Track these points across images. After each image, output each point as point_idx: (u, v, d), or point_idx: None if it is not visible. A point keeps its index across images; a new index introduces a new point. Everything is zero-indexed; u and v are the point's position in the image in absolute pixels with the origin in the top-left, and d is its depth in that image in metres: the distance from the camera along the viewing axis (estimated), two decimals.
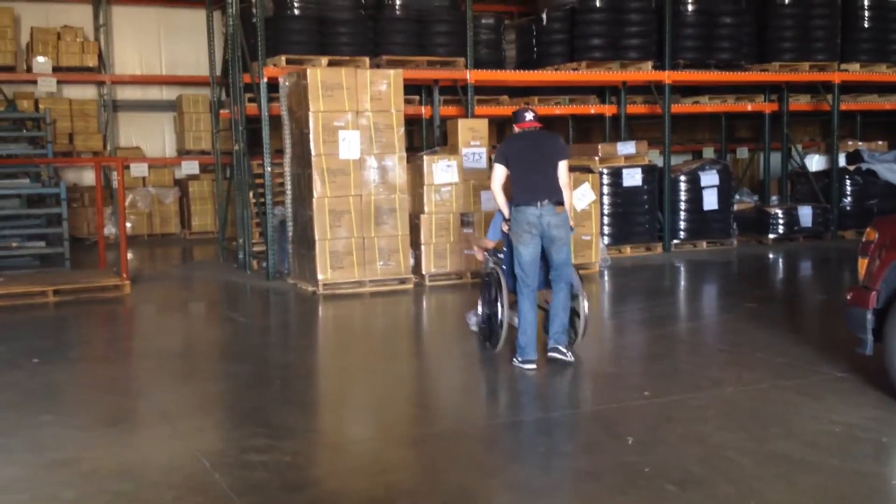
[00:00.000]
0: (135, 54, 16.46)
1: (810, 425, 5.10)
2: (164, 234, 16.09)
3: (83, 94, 16.09)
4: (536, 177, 6.49)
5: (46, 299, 9.39)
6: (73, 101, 15.64)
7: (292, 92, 10.02)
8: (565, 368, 6.45)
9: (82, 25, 15.79)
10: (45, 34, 15.24)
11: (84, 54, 15.49)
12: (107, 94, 16.13)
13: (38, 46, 15.10)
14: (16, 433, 5.10)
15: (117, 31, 16.32)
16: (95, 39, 15.94)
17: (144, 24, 16.44)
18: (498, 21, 13.46)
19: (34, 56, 15.04)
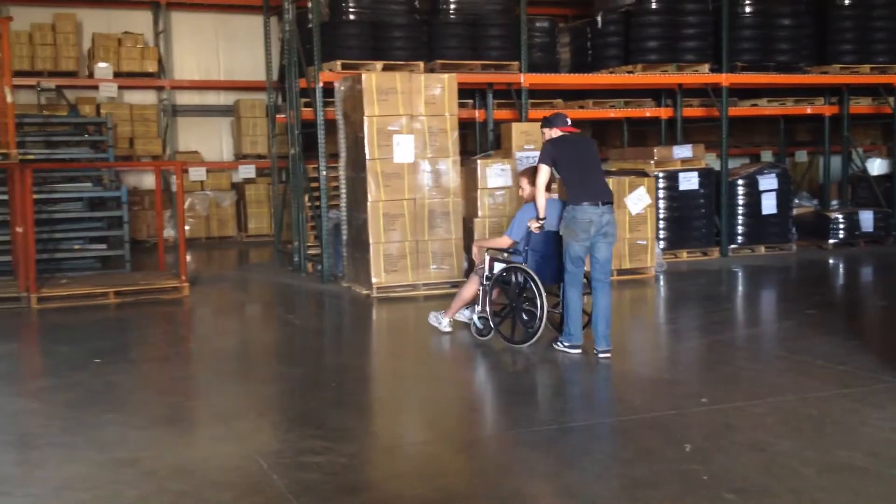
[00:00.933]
0: (193, 60, 16.74)
1: (872, 434, 5.00)
2: (221, 236, 16.32)
3: (143, 99, 16.40)
4: (597, 177, 6.97)
5: (108, 300, 9.59)
6: (133, 106, 15.95)
7: (347, 96, 10.10)
8: (622, 373, 6.40)
9: (142, 31, 16.10)
10: (107, 40, 15.56)
11: (144, 60, 15.79)
12: (166, 99, 16.42)
13: (99, 52, 15.42)
14: (79, 432, 5.21)
15: (176, 37, 16.61)
16: (155, 45, 16.23)
17: (203, 30, 16.71)
18: (552, 24, 13.42)
19: (96, 62, 15.37)
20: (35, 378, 6.98)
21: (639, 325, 8.99)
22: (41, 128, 12.89)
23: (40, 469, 4.62)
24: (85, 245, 11.84)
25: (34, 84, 14.80)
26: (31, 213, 9.55)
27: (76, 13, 15.54)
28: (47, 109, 14.73)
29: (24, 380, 6.92)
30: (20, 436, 5.25)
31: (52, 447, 4.97)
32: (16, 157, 9.55)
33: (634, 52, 12.73)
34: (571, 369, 6.94)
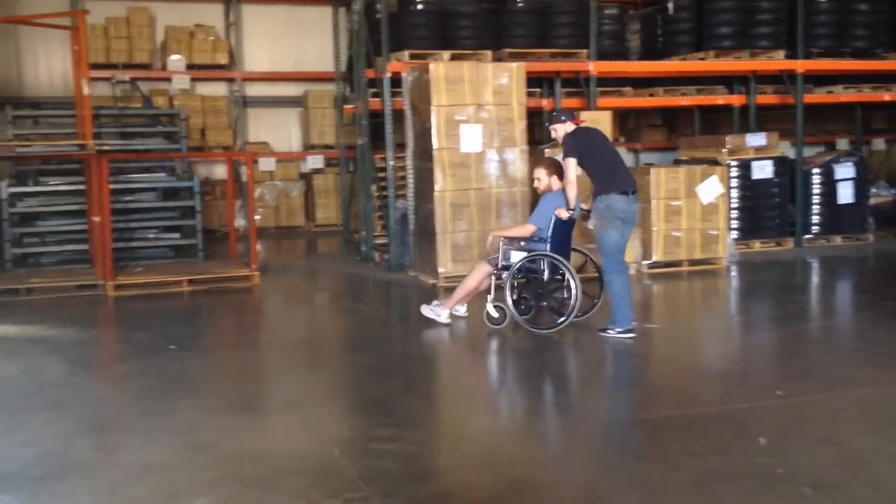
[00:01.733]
0: (263, 51, 16.94)
1: None
2: (289, 226, 16.51)
3: (214, 90, 16.65)
4: (622, 167, 7.33)
5: (181, 288, 9.78)
6: (204, 98, 16.21)
7: (415, 86, 10.12)
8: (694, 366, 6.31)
9: (214, 24, 16.34)
10: (179, 33, 15.83)
11: (215, 52, 16.02)
12: (237, 91, 16.65)
13: (172, 45, 15.70)
14: (157, 417, 5.33)
15: (247, 29, 16.83)
16: (226, 37, 16.46)
17: (273, 21, 16.89)
18: (622, 11, 13.26)
19: (169, 54, 15.65)
20: (113, 364, 7.17)
21: (711, 317, 8.86)
22: (116, 119, 13.18)
23: (119, 453, 4.74)
24: (159, 234, 12.09)
25: (109, 76, 15.11)
26: (108, 203, 9.78)
27: (149, 6, 15.84)
28: (122, 101, 15.04)
29: (102, 366, 7.12)
30: (99, 420, 5.39)
31: (131, 432, 5.09)
32: (92, 147, 9.79)
33: (706, 38, 12.51)
34: (639, 360, 6.88)
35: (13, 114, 11.97)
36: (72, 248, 11.52)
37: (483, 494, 4.20)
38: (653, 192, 10.34)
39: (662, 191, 10.38)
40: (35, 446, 4.81)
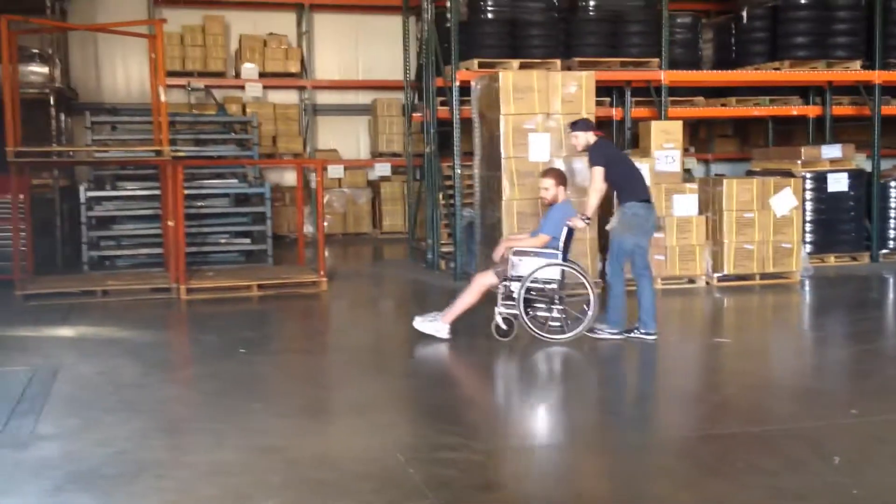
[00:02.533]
0: (333, 60, 17.13)
1: None
2: (356, 233, 16.65)
3: (286, 98, 16.89)
4: (640, 177, 7.61)
5: (251, 293, 9.92)
6: (276, 105, 16.45)
7: (483, 95, 10.13)
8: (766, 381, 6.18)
9: (286, 33, 16.58)
10: (253, 41, 16.10)
11: (287, 60, 16.26)
12: (307, 99, 16.87)
13: (245, 53, 15.97)
14: (227, 419, 5.42)
15: (318, 38, 17.04)
16: (298, 46, 16.69)
17: (343, 30, 17.08)
18: (695, 20, 13.10)
19: (242, 62, 15.93)
20: (185, 366, 7.31)
21: (783, 332, 8.68)
22: (191, 126, 13.46)
23: (190, 454, 4.83)
24: (230, 239, 12.30)
25: (185, 84, 15.44)
26: (182, 208, 9.99)
27: (224, 15, 16.15)
28: (196, 108, 15.36)
29: (174, 367, 7.26)
30: (171, 421, 5.50)
31: (201, 433, 5.18)
32: (168, 153, 10.01)
33: (781, 47, 12.28)
34: (709, 374, 6.78)
35: (92, 120, 12.30)
36: (146, 252, 11.79)
37: None
38: (724, 203, 10.18)
39: (734, 202, 10.20)
40: (110, 445, 4.92)
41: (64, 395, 6.00)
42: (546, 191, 7.48)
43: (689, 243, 10.08)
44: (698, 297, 9.77)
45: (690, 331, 8.74)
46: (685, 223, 10.06)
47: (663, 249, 10.01)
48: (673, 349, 7.69)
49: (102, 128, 12.87)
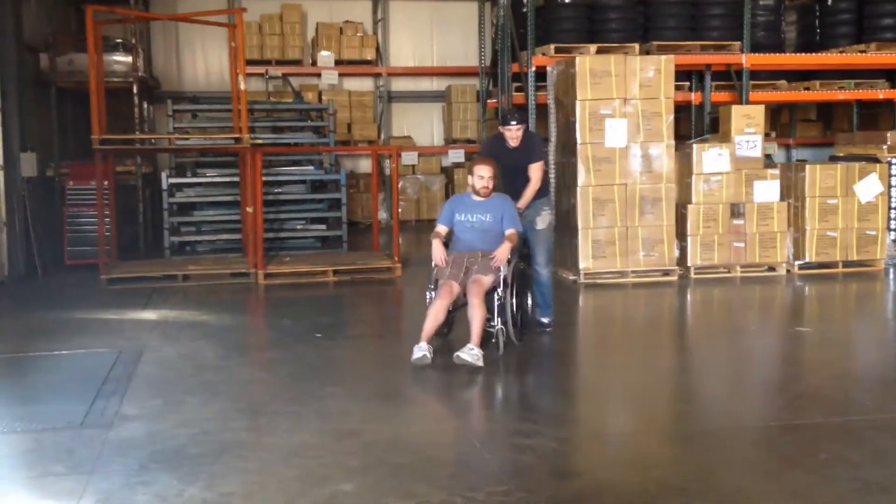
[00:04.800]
0: (408, 47, 17.18)
1: None
2: (430, 219, 16.65)
3: (361, 85, 17.01)
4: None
5: (327, 278, 10.04)
6: (351, 93, 16.59)
7: (560, 80, 10.05)
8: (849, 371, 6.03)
9: (362, 20, 16.69)
10: (329, 29, 16.25)
11: (363, 48, 16.36)
12: (382, 86, 16.96)
13: (322, 41, 16.13)
14: (305, 402, 5.50)
15: (393, 25, 17.11)
16: (374, 33, 16.79)
17: (418, 17, 17.11)
18: (778, 2, 12.78)
19: (319, 50, 16.08)
20: (263, 350, 7.44)
21: (866, 321, 8.45)
22: (269, 114, 13.64)
23: (270, 435, 4.91)
24: (306, 225, 12.45)
25: (263, 72, 15.67)
26: (260, 195, 10.15)
27: (302, 4, 16.32)
28: (274, 96, 15.57)
29: (253, 351, 7.40)
30: (251, 404, 5.59)
31: (280, 415, 5.27)
32: (247, 141, 10.17)
33: (868, 29, 11.94)
34: (789, 364, 6.64)
35: (173, 108, 12.56)
36: (225, 238, 12.02)
37: (626, 495, 4.14)
38: (807, 189, 9.93)
39: (817, 189, 9.95)
40: (192, 426, 5.04)
41: (147, 376, 6.16)
42: (489, 180, 6.64)
43: (770, 230, 9.86)
44: (779, 285, 9.56)
45: (770, 320, 8.56)
46: (766, 209, 9.84)
47: (743, 237, 9.82)
48: (753, 338, 7.55)
49: (183, 116, 13.14)
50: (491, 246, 6.56)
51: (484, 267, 6.47)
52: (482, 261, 6.51)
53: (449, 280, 6.42)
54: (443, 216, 6.83)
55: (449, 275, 6.45)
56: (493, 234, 6.63)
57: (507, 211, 6.69)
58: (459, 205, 6.79)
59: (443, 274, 6.50)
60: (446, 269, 6.50)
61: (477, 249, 6.59)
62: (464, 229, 6.69)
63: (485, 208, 6.67)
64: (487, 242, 6.61)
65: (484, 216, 6.65)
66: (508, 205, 6.76)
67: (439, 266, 6.56)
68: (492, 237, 6.61)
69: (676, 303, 9.10)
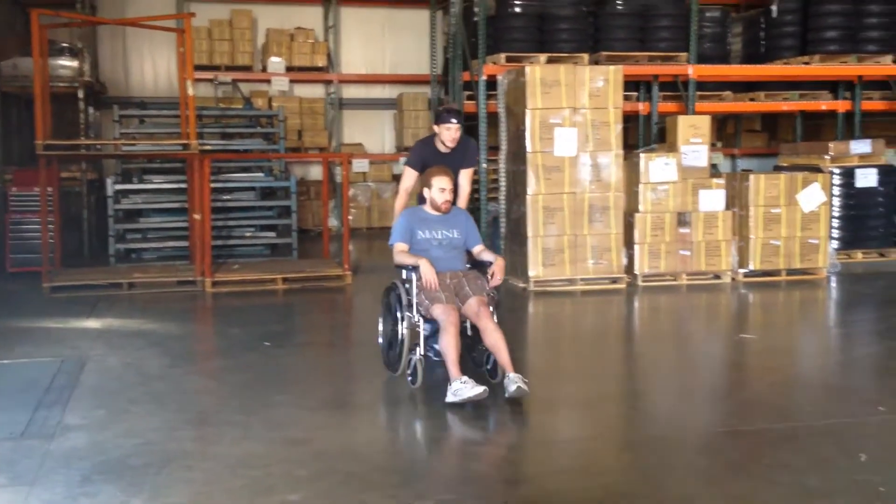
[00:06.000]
0: (360, 54, 17.16)
1: None
2: (381, 227, 16.65)
3: (312, 92, 16.94)
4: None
5: (276, 286, 9.97)
6: (302, 99, 16.50)
7: (510, 89, 10.11)
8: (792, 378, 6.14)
9: (313, 27, 16.62)
10: (280, 35, 16.16)
11: (314, 54, 16.29)
12: (333, 93, 16.90)
13: (272, 47, 16.03)
14: (253, 411, 5.44)
15: (345, 32, 17.06)
16: (325, 40, 16.73)
17: (370, 25, 17.10)
18: (724, 14, 13.04)
19: (269, 56, 15.98)
20: (210, 358, 7.36)
21: (809, 328, 8.61)
22: (218, 120, 13.52)
23: (216, 445, 4.86)
24: (256, 233, 12.35)
25: (212, 78, 15.52)
26: (208, 202, 10.04)
27: (252, 9, 16.20)
28: (223, 102, 15.43)
29: (200, 359, 7.31)
30: (197, 413, 5.53)
31: (227, 425, 5.21)
32: (195, 147, 10.07)
33: (812, 42, 12.21)
34: (735, 371, 6.74)
35: (120, 113, 12.39)
36: (172, 245, 11.86)
37: (574, 502, 4.17)
38: (751, 199, 10.10)
39: (761, 198, 10.13)
40: (137, 436, 4.96)
41: (91, 386, 6.05)
42: (451, 192, 6.13)
43: (716, 239, 10.01)
44: (724, 292, 9.72)
45: (716, 327, 8.69)
46: (712, 218, 9.99)
47: (689, 245, 9.96)
48: (699, 345, 7.66)
49: (130, 121, 12.96)
50: (459, 264, 6.07)
51: (478, 287, 5.88)
52: (472, 281, 5.93)
53: (448, 305, 5.66)
54: (400, 234, 6.08)
55: (446, 299, 5.71)
56: (460, 251, 6.13)
57: (472, 225, 6.21)
58: (419, 221, 6.11)
59: (436, 298, 5.71)
60: (436, 293, 5.74)
61: (451, 269, 5.97)
62: (430, 247, 6.01)
63: (449, 223, 6.11)
64: (457, 260, 6.08)
65: (450, 232, 6.08)
66: (469, 218, 6.28)
67: (429, 290, 5.75)
68: (459, 254, 6.11)
69: (624, 310, 9.20)
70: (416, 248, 6.01)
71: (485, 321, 5.69)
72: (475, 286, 5.90)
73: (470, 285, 5.90)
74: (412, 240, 6.05)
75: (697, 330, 8.48)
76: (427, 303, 5.75)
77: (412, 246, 6.03)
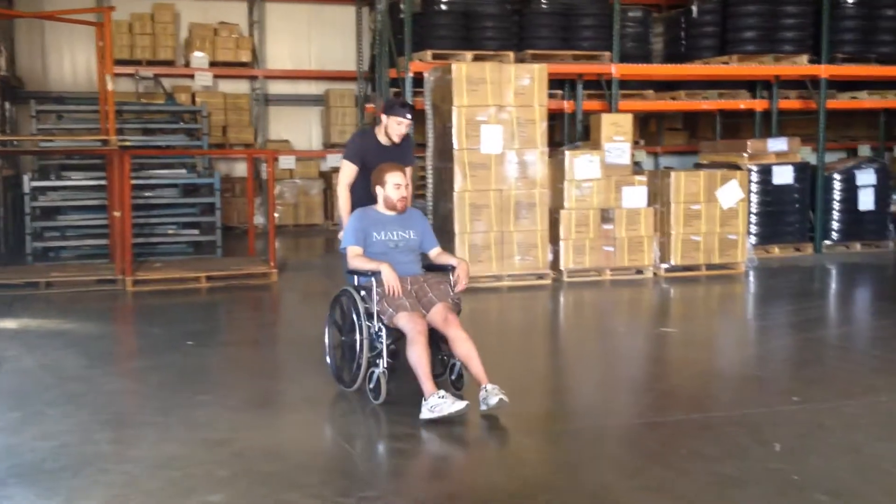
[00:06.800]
0: (286, 50, 17.01)
1: None
2: (308, 224, 16.56)
3: (236, 88, 16.73)
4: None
5: (199, 285, 9.83)
6: (227, 95, 16.29)
7: (437, 86, 10.13)
8: (710, 370, 6.28)
9: (237, 22, 16.42)
10: (203, 30, 15.92)
11: (238, 50, 16.10)
12: (259, 89, 16.72)
13: (196, 42, 15.79)
14: (173, 412, 5.36)
15: (270, 28, 16.90)
16: (249, 35, 16.54)
17: (295, 20, 16.96)
18: (646, 14, 13.25)
19: (192, 51, 15.74)
20: (130, 359, 7.22)
21: (727, 321, 8.83)
22: (139, 115, 13.28)
23: (135, 447, 4.77)
24: (178, 230, 12.16)
25: (133, 73, 15.23)
26: (129, 199, 9.85)
27: (174, 3, 15.94)
28: (145, 97, 15.16)
29: (119, 360, 7.16)
30: (116, 415, 5.42)
31: (147, 426, 5.12)
32: (115, 143, 9.87)
33: (730, 42, 12.49)
34: (655, 363, 6.87)
35: (37, 108, 12.08)
36: (92, 243, 11.62)
37: (496, 494, 4.20)
38: (672, 195, 10.31)
39: (682, 195, 10.34)
40: (52, 439, 4.84)
41: (5, 388, 5.89)
42: (405, 189, 5.71)
43: (638, 235, 10.19)
44: (646, 287, 9.90)
45: (638, 321, 8.84)
46: (634, 215, 10.17)
47: (613, 241, 10.11)
48: (621, 339, 7.79)
49: (48, 117, 12.65)
50: (417, 268, 5.69)
51: (442, 293, 5.48)
52: (434, 286, 5.52)
53: (414, 313, 5.27)
54: (353, 236, 5.60)
55: (410, 306, 5.31)
56: (417, 254, 5.72)
57: (427, 226, 5.82)
58: (372, 222, 5.63)
59: (401, 306, 5.30)
60: (400, 300, 5.32)
61: (411, 273, 5.56)
62: (386, 250, 5.58)
63: (405, 224, 5.68)
64: (416, 264, 5.68)
65: (406, 233, 5.65)
66: (424, 218, 5.90)
67: (391, 296, 5.33)
68: (416, 257, 5.70)
69: (549, 306, 9.30)
70: (372, 252, 5.56)
71: (454, 329, 5.31)
72: (439, 292, 5.48)
73: (433, 291, 5.48)
74: (366, 242, 5.59)
75: (620, 324, 8.62)
76: (391, 311, 5.29)
77: (366, 249, 5.57)
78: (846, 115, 16.80)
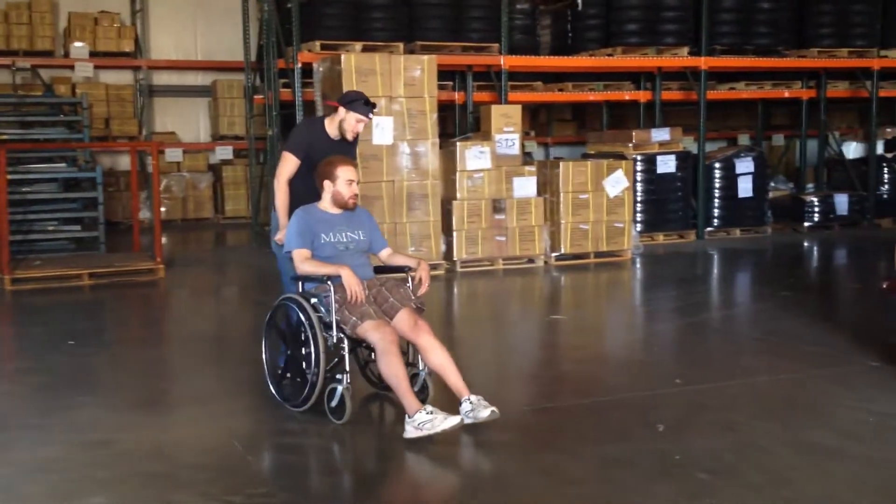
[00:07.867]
0: (171, 39, 16.57)
1: (845, 415, 5.05)
2: (197, 218, 16.22)
3: (119, 79, 16.23)
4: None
5: (82, 282, 9.50)
6: (109, 86, 15.79)
7: (326, 77, 10.04)
8: (596, 355, 6.42)
9: (119, 11, 15.91)
10: (83, 19, 15.38)
11: (121, 39, 15.62)
12: (143, 80, 16.26)
13: (75, 32, 15.24)
14: (53, 414, 5.17)
15: (154, 17, 16.43)
16: (132, 24, 16.06)
17: (181, 9, 16.53)
18: (533, 6, 13.40)
19: (72, 41, 15.19)
20: (8, 360, 6.94)
21: (614, 307, 9.05)
22: (16, 108, 12.75)
23: (11, 451, 4.59)
24: (59, 226, 11.74)
25: (9, 63, 14.61)
26: (5, 194, 9.46)
27: None
28: (22, 89, 14.55)
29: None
30: None
31: (25, 429, 4.93)
32: None
33: (615, 34, 12.75)
34: (544, 350, 6.99)
35: None
36: None
37: (388, 484, 4.21)
38: (561, 185, 10.49)
39: (570, 184, 10.53)
40: None
41: None
42: (357, 186, 5.26)
43: (529, 224, 10.33)
44: (537, 276, 10.05)
45: (529, 309, 8.98)
46: (525, 204, 10.30)
47: (505, 231, 10.23)
48: (513, 327, 7.90)
49: None
50: (370, 271, 5.22)
51: (403, 297, 5.04)
52: (394, 290, 5.05)
53: (381, 321, 4.82)
54: (298, 237, 5.05)
55: (375, 313, 4.86)
56: (367, 255, 5.28)
57: (375, 225, 5.37)
58: (318, 222, 5.11)
59: (365, 314, 4.81)
60: (363, 307, 4.84)
61: (365, 277, 5.07)
62: (336, 253, 5.06)
63: (353, 224, 5.20)
64: (368, 267, 5.22)
65: (355, 234, 5.17)
66: (371, 217, 5.43)
67: (353, 303, 4.83)
68: (367, 260, 5.26)
69: (443, 296, 9.33)
70: (320, 256, 5.03)
71: (426, 337, 4.89)
72: (400, 296, 5.01)
73: (394, 295, 5.00)
74: (313, 245, 5.06)
75: (512, 313, 8.73)
76: (354, 320, 4.79)
77: (313, 252, 5.04)
78: (726, 106, 17.39)
